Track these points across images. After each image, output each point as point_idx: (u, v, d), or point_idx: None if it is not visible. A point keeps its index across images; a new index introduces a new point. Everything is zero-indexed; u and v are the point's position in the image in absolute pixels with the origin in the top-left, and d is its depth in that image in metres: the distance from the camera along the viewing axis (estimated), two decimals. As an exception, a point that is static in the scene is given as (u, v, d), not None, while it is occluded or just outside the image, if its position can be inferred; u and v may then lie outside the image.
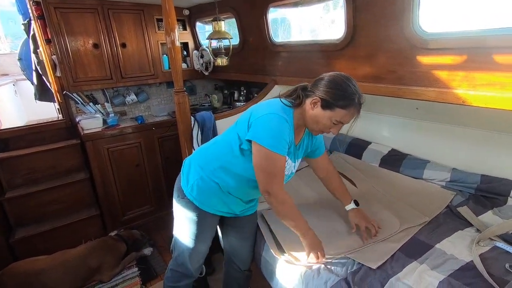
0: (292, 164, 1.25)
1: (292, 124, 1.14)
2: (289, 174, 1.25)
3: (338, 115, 1.09)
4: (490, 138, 1.58)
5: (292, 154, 1.22)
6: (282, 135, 1.08)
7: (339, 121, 1.11)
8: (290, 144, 1.14)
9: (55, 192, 2.39)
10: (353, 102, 1.07)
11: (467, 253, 1.18)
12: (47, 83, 2.59)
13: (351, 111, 1.09)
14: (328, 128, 1.13)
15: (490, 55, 1.09)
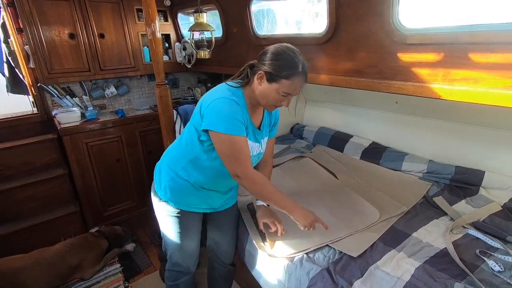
0: (255, 144, 1.23)
1: (244, 104, 1.14)
2: (256, 154, 1.25)
3: (284, 86, 1.08)
4: (464, 131, 1.65)
5: (251, 134, 1.20)
6: (234, 115, 1.07)
7: (287, 92, 1.09)
8: (246, 124, 1.13)
9: (31, 189, 2.30)
10: (297, 71, 1.07)
11: (441, 241, 1.24)
12: (20, 74, 2.47)
13: (296, 80, 1.08)
14: (279, 102, 1.12)
15: (465, 51, 1.13)
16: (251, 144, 1.19)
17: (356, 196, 1.59)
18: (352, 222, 1.38)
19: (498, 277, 1.05)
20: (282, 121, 2.49)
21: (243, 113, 1.12)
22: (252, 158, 1.22)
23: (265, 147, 1.30)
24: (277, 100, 1.12)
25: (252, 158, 1.21)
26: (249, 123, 1.17)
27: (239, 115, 1.09)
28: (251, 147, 1.19)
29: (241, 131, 1.08)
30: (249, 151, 1.15)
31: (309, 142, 2.38)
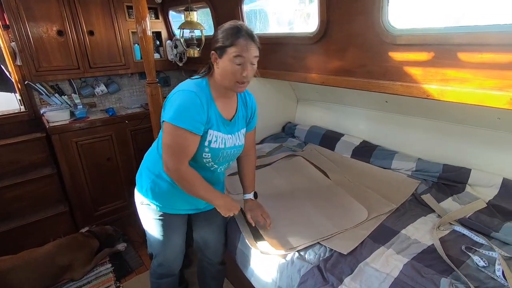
0: (228, 136, 1.20)
1: (209, 94, 1.13)
2: (231, 146, 1.21)
3: (233, 53, 1.04)
4: (451, 130, 1.69)
5: (221, 126, 1.17)
6: (187, 108, 1.05)
7: (238, 56, 1.04)
8: (208, 118, 1.11)
9: (19, 189, 2.25)
10: (239, 34, 1.05)
11: (428, 237, 1.27)
12: (6, 72, 2.41)
13: (242, 42, 1.04)
14: (238, 74, 1.06)
15: (452, 52, 1.15)
16: (222, 136, 1.17)
17: (345, 195, 1.61)
18: (341, 220, 1.40)
19: (482, 272, 1.08)
20: (274, 119, 2.54)
21: (204, 106, 1.08)
22: (228, 150, 1.20)
23: (242, 139, 1.28)
24: (235, 73, 1.06)
25: (227, 150, 1.19)
26: (216, 115, 1.15)
27: (194, 109, 1.06)
28: (222, 139, 1.16)
29: (187, 124, 1.05)
30: (194, 149, 1.11)
31: (301, 140, 2.40)
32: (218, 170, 1.27)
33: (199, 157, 1.15)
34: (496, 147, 1.55)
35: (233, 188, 1.73)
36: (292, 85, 2.49)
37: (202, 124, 1.09)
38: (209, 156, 1.15)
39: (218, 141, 1.15)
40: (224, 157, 1.22)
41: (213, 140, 1.14)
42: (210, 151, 1.15)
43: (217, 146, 1.15)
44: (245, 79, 1.08)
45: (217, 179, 1.33)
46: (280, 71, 2.04)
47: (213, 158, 1.18)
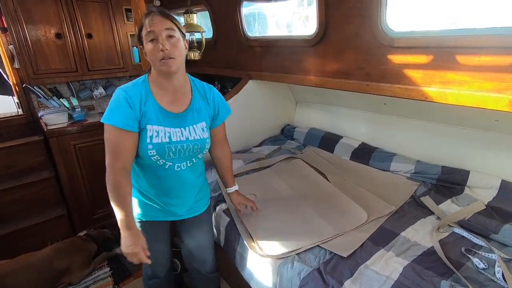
0: (171, 130, 1.13)
1: (145, 89, 1.11)
2: (183, 140, 1.15)
3: (144, 32, 1.05)
4: (450, 132, 1.70)
5: (164, 119, 1.12)
6: (116, 105, 1.06)
7: (148, 33, 1.04)
8: (141, 111, 1.08)
9: (16, 192, 2.24)
10: (146, 15, 1.07)
11: (428, 239, 1.27)
12: (4, 75, 2.40)
13: (148, 20, 1.05)
14: (157, 51, 1.04)
15: (450, 55, 1.16)
16: (165, 130, 1.12)
17: (345, 197, 1.61)
18: (341, 223, 1.40)
19: (482, 274, 1.08)
20: (272, 121, 2.54)
21: (134, 102, 1.07)
22: (177, 144, 1.14)
23: (201, 133, 1.20)
24: (153, 51, 1.04)
25: (175, 144, 1.13)
26: (155, 109, 1.11)
27: (122, 106, 1.05)
28: (165, 132, 1.12)
29: (119, 122, 1.04)
30: (128, 147, 1.08)
31: (300, 143, 2.40)
32: (175, 168, 1.18)
33: (144, 155, 1.11)
34: (494, 149, 1.55)
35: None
36: (290, 87, 2.49)
37: (130, 119, 1.06)
38: (154, 152, 1.10)
39: (160, 135, 1.11)
40: (175, 152, 1.14)
41: (154, 135, 1.10)
42: (154, 147, 1.10)
43: (160, 140, 1.10)
44: (166, 54, 1.04)
45: (182, 181, 1.23)
46: (279, 73, 2.04)
47: (160, 154, 1.12)
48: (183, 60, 1.12)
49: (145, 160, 1.13)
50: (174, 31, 1.06)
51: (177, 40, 1.07)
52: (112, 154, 1.07)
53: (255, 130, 2.42)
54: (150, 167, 1.17)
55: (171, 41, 1.05)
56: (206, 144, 1.23)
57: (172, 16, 1.07)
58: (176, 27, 1.07)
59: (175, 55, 1.06)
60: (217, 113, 1.29)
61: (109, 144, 1.07)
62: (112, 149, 1.07)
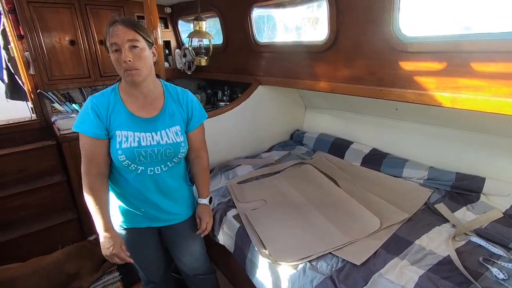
0: (140, 134, 1.13)
1: (114, 96, 1.13)
2: (141, 146, 1.12)
3: (109, 43, 1.05)
4: (464, 138, 1.67)
5: (133, 124, 1.13)
6: (82, 113, 1.10)
7: (112, 44, 1.04)
8: (108, 118, 1.10)
9: (28, 196, 2.27)
10: (110, 25, 1.05)
11: (444, 248, 1.24)
12: (19, 81, 2.46)
13: (111, 30, 1.04)
14: (120, 61, 1.04)
15: (466, 60, 1.14)
16: (134, 135, 1.12)
17: (356, 204, 1.58)
18: (353, 230, 1.38)
19: (502, 285, 1.04)
20: (281, 127, 2.54)
21: (100, 110, 1.09)
22: (147, 149, 1.13)
23: (174, 137, 1.19)
24: (117, 60, 1.05)
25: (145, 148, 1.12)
26: (125, 114, 1.12)
27: (89, 114, 1.08)
28: (134, 137, 1.12)
29: (85, 130, 1.08)
30: (98, 154, 1.10)
31: (309, 148, 2.38)
32: (148, 172, 1.17)
33: (116, 160, 1.12)
34: (510, 155, 1.51)
35: (242, 197, 1.72)
36: (300, 93, 2.49)
37: (97, 127, 1.08)
38: (124, 157, 1.10)
39: (129, 140, 1.11)
40: (146, 156, 1.13)
41: (123, 140, 1.11)
42: (124, 152, 1.10)
43: (129, 145, 1.11)
44: (129, 66, 1.03)
45: (158, 186, 1.22)
46: (288, 79, 2.05)
47: (130, 159, 1.11)
48: (149, 68, 1.12)
49: (117, 165, 1.15)
50: (137, 42, 1.04)
51: (141, 50, 1.06)
52: (86, 160, 1.11)
53: (264, 135, 2.42)
54: (123, 172, 1.18)
55: (134, 51, 1.04)
56: (181, 148, 1.21)
57: (136, 25, 1.06)
58: (140, 37, 1.05)
59: (139, 66, 1.05)
60: (191, 116, 1.26)
61: (83, 151, 1.11)
62: (85, 156, 1.11)
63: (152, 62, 1.14)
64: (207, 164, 1.40)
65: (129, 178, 1.18)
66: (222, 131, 2.10)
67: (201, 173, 1.39)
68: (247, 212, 1.57)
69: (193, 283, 1.54)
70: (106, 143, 1.12)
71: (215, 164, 2.05)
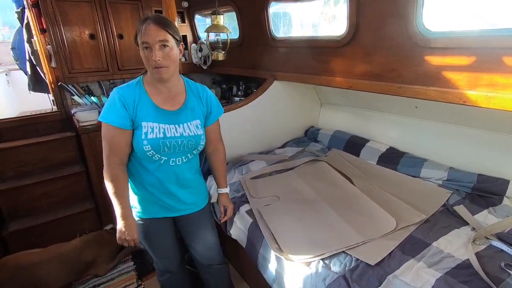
0: (165, 126, 1.18)
1: (139, 89, 1.17)
2: (175, 136, 1.18)
3: (140, 40, 1.08)
4: (487, 138, 1.60)
5: (158, 116, 1.17)
6: (110, 104, 1.13)
7: (143, 42, 1.07)
8: (134, 110, 1.14)
9: (49, 185, 2.35)
10: (142, 22, 1.09)
11: (463, 252, 1.20)
12: (41, 73, 2.54)
13: (143, 28, 1.07)
14: (150, 58, 1.08)
15: (493, 56, 1.09)
16: (160, 126, 1.16)
17: (372, 203, 1.55)
18: (367, 229, 1.35)
19: (525, 292, 1.00)
20: (296, 123, 2.51)
21: (127, 102, 1.13)
22: (171, 140, 1.18)
23: (195, 130, 1.24)
24: (147, 58, 1.09)
25: (170, 139, 1.17)
26: (150, 106, 1.17)
27: (116, 105, 1.11)
28: (160, 129, 1.16)
29: (112, 120, 1.10)
30: (123, 144, 1.14)
31: (324, 145, 2.35)
32: (170, 163, 1.22)
33: (140, 150, 1.16)
34: (538, 158, 1.44)
35: (255, 192, 1.72)
36: (315, 89, 2.45)
37: (124, 118, 1.12)
38: (149, 147, 1.15)
39: (155, 131, 1.16)
40: (170, 147, 1.18)
41: (149, 131, 1.15)
42: (149, 142, 1.14)
43: (155, 136, 1.15)
44: (158, 64, 1.08)
45: (178, 176, 1.27)
46: (304, 74, 2.02)
47: (155, 149, 1.16)
48: (176, 65, 1.17)
49: (141, 155, 1.18)
50: (167, 41, 1.09)
51: (170, 49, 1.10)
52: (109, 150, 1.14)
53: (278, 131, 2.40)
54: (145, 162, 1.21)
55: (164, 50, 1.09)
56: (201, 140, 1.27)
57: (167, 25, 1.09)
58: (170, 36, 1.09)
59: (167, 64, 1.11)
60: (210, 111, 1.33)
61: (106, 141, 1.14)
62: (108, 145, 1.14)
63: (179, 59, 1.17)
64: (224, 155, 1.48)
65: (150, 168, 1.22)
66: (236, 126, 2.10)
67: (219, 164, 1.46)
68: (260, 207, 1.57)
69: (207, 273, 1.56)
70: (129, 134, 1.16)
71: (229, 159, 2.05)
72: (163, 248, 1.41)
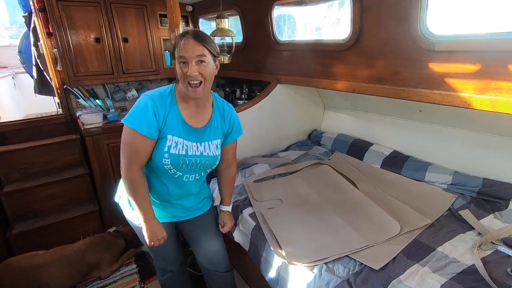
0: (189, 143, 1.18)
1: (170, 99, 1.15)
2: (195, 155, 1.18)
3: (177, 54, 1.08)
4: (493, 142, 1.58)
5: (184, 132, 1.17)
6: (139, 110, 1.10)
7: (180, 56, 1.07)
8: (164, 120, 1.12)
9: (54, 187, 2.37)
10: (182, 36, 1.08)
11: (469, 257, 1.18)
12: (47, 76, 2.57)
13: (182, 43, 1.07)
14: (185, 73, 1.08)
15: (499, 60, 1.08)
16: (184, 143, 1.16)
17: (375, 207, 1.54)
18: (371, 233, 1.34)
19: (532, 299, 0.98)
20: (299, 126, 2.51)
21: (158, 111, 1.11)
22: (191, 158, 1.18)
23: (214, 150, 1.25)
24: (182, 72, 1.08)
25: (190, 158, 1.17)
26: (178, 120, 1.16)
27: (145, 112, 1.09)
28: (183, 145, 1.16)
29: (139, 127, 1.08)
30: (145, 152, 1.13)
31: (327, 149, 2.34)
32: (183, 178, 1.23)
33: (158, 162, 1.15)
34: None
35: (258, 195, 1.71)
36: (319, 92, 2.45)
37: (153, 127, 1.10)
38: (169, 162, 1.14)
39: (179, 147, 1.15)
40: (188, 165, 1.18)
41: (173, 146, 1.14)
42: (170, 157, 1.13)
43: (177, 152, 1.14)
44: (192, 79, 1.07)
45: (186, 190, 1.29)
46: (308, 77, 2.02)
47: (174, 165, 1.16)
48: (210, 82, 1.15)
49: (158, 167, 1.17)
50: (205, 57, 1.08)
51: (207, 65, 1.09)
52: (130, 155, 1.12)
53: (281, 134, 2.40)
54: (160, 173, 1.21)
55: (200, 66, 1.08)
56: (217, 161, 1.28)
57: (205, 40, 1.08)
58: (207, 51, 1.08)
59: (203, 79, 1.10)
60: (230, 131, 1.32)
61: (128, 146, 1.12)
62: (131, 151, 1.12)
63: (214, 74, 1.16)
64: (234, 175, 1.47)
65: (162, 178, 1.22)
66: (240, 129, 2.10)
67: (228, 182, 1.46)
68: (263, 211, 1.57)
69: (211, 279, 1.56)
70: (153, 143, 1.14)
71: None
72: (164, 251, 1.41)
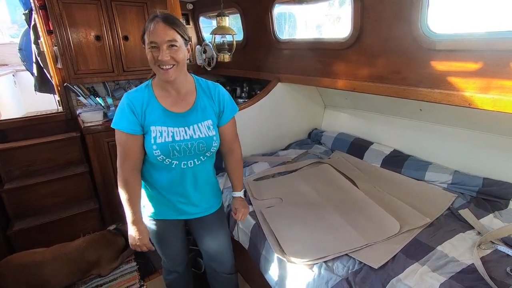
0: (174, 129, 1.15)
1: (148, 92, 1.15)
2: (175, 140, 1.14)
3: (147, 39, 1.06)
4: (493, 141, 1.58)
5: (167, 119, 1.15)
6: (119, 111, 1.13)
7: (150, 41, 1.04)
8: (143, 115, 1.12)
9: (54, 185, 2.37)
10: (150, 20, 1.06)
11: (468, 256, 1.18)
12: (48, 74, 2.56)
13: (151, 27, 1.04)
14: (156, 58, 1.05)
15: (500, 59, 1.08)
16: (168, 130, 1.14)
17: (375, 206, 1.54)
18: (371, 232, 1.35)
19: (531, 298, 0.98)
20: (299, 125, 2.51)
21: (135, 107, 1.12)
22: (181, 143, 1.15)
23: (206, 131, 1.20)
24: (153, 57, 1.06)
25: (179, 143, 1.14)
26: (159, 110, 1.14)
27: (125, 111, 1.11)
28: (168, 132, 1.14)
29: (122, 126, 1.11)
30: (135, 149, 1.14)
31: (328, 147, 2.34)
32: (181, 166, 1.20)
33: (151, 156, 1.15)
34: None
35: (258, 194, 1.72)
36: (319, 91, 2.45)
37: (133, 123, 1.12)
38: (159, 152, 1.13)
39: (164, 135, 1.13)
40: (180, 151, 1.15)
41: (158, 136, 1.13)
42: (158, 147, 1.13)
43: (163, 140, 1.13)
44: (163, 63, 1.05)
45: (189, 179, 1.24)
46: (308, 76, 2.01)
47: (165, 154, 1.14)
48: (183, 66, 1.13)
49: (152, 160, 1.18)
50: (176, 41, 1.06)
51: (178, 49, 1.07)
52: (122, 155, 1.15)
53: (282, 133, 2.40)
54: (157, 166, 1.21)
55: (171, 50, 1.06)
56: (213, 142, 1.22)
57: (176, 24, 1.06)
58: (178, 35, 1.06)
59: (175, 62, 1.08)
60: (223, 109, 1.27)
61: (118, 146, 1.15)
62: (121, 151, 1.15)
63: (186, 58, 1.14)
64: (240, 156, 1.41)
65: (162, 172, 1.21)
66: (240, 128, 2.06)
67: (235, 166, 1.40)
68: (262, 209, 1.57)
69: (215, 280, 1.54)
70: (141, 139, 1.15)
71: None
72: (172, 250, 1.41)
